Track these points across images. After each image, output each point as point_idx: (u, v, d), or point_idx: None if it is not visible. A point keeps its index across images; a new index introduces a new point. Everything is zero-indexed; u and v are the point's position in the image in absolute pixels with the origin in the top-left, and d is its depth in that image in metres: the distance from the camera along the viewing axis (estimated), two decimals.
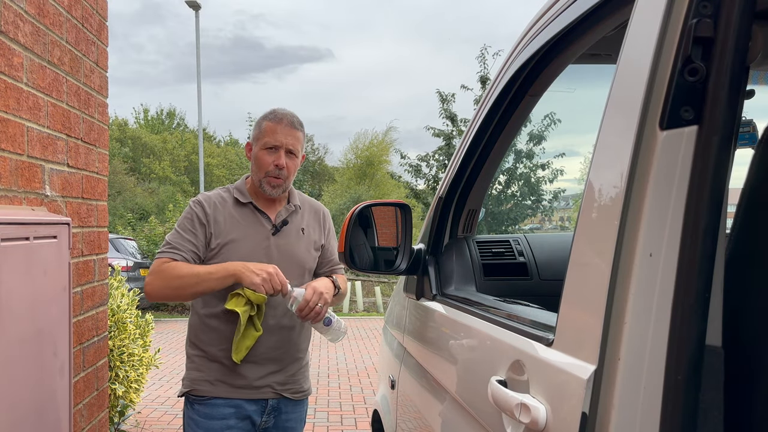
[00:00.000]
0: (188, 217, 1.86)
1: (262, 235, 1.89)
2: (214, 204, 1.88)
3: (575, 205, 21.80)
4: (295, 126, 1.88)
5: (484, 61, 14.65)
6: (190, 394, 1.88)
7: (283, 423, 1.95)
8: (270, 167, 1.85)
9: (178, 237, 1.83)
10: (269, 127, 1.86)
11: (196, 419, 1.86)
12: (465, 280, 1.56)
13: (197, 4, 14.25)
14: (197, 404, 1.86)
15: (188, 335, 1.93)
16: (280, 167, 1.85)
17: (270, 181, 1.87)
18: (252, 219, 1.90)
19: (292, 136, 1.87)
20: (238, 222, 1.88)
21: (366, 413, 5.04)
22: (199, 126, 14.95)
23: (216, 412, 1.84)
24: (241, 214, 1.90)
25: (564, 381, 0.76)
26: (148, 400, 5.37)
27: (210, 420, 1.84)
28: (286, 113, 1.89)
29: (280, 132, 1.85)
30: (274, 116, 1.88)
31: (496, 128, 1.45)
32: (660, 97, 0.67)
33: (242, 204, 1.91)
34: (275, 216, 1.93)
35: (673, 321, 0.63)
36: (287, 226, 1.92)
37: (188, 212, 1.88)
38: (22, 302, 1.65)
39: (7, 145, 1.75)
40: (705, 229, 0.61)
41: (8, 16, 1.76)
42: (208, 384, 1.85)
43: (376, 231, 1.63)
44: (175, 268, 1.76)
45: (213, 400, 1.85)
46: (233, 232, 1.86)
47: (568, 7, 1.03)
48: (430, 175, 15.39)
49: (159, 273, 1.77)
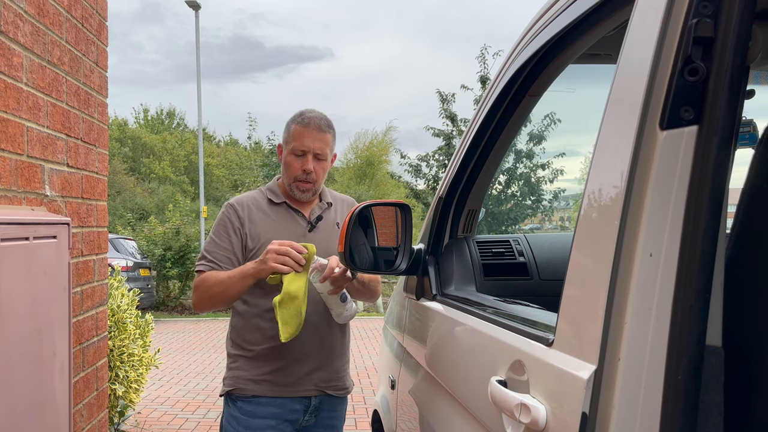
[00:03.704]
0: (221, 224, 1.89)
1: (297, 232, 1.90)
2: (247, 206, 1.91)
3: (575, 205, 21.80)
4: (322, 129, 1.87)
5: (484, 61, 14.65)
6: (233, 393, 1.89)
7: (324, 421, 1.96)
8: (298, 172, 1.86)
9: (213, 245, 1.87)
10: (297, 132, 1.86)
11: (237, 417, 1.87)
12: (465, 280, 1.56)
13: (197, 4, 14.23)
14: (240, 401, 1.87)
15: (230, 335, 1.95)
16: (308, 172, 1.86)
17: (299, 186, 1.88)
18: (287, 217, 1.92)
19: (320, 140, 1.86)
20: (273, 221, 1.90)
21: (366, 413, 5.04)
22: (199, 126, 14.95)
23: (259, 410, 1.85)
24: (276, 213, 1.92)
25: (564, 381, 0.76)
26: (148, 400, 5.36)
27: (252, 418, 1.85)
28: (314, 116, 1.88)
29: (308, 136, 1.85)
30: (301, 120, 1.88)
31: (496, 128, 1.45)
32: (660, 97, 0.67)
33: (276, 204, 1.93)
34: (309, 213, 1.94)
35: (673, 321, 0.63)
36: (322, 221, 1.94)
37: (221, 218, 1.90)
38: (22, 302, 1.65)
39: (6, 145, 1.75)
40: (705, 229, 0.61)
41: (8, 16, 1.76)
42: (252, 383, 1.85)
43: (376, 231, 1.63)
44: (206, 280, 1.81)
45: (257, 399, 1.86)
46: (269, 232, 1.88)
47: (568, 7, 1.03)
48: (430, 175, 15.39)
49: (196, 288, 1.85)
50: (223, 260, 1.85)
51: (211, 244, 1.88)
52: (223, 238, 1.87)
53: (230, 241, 1.86)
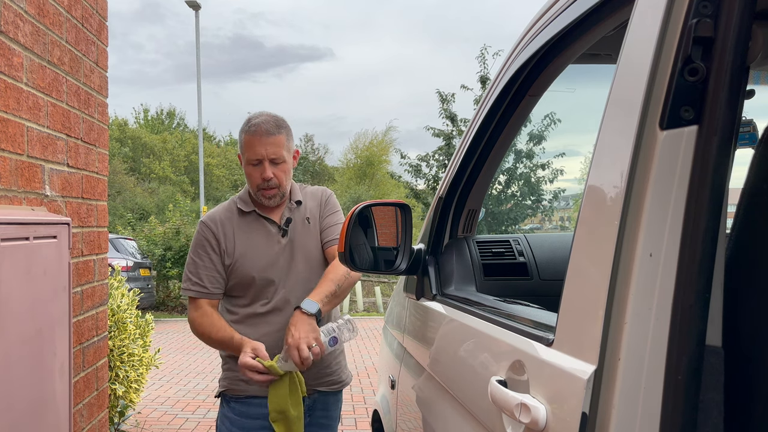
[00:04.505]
0: (199, 243, 1.90)
1: (271, 239, 1.91)
2: (220, 221, 1.91)
3: (575, 205, 21.80)
4: (271, 132, 1.82)
5: (484, 61, 14.66)
6: (227, 393, 1.91)
7: (318, 420, 1.97)
8: (259, 181, 1.85)
9: (194, 266, 1.89)
10: (247, 141, 1.84)
11: (230, 417, 1.89)
12: (465, 280, 1.56)
13: (197, 4, 14.23)
14: (233, 402, 1.89)
15: None
16: (267, 179, 1.84)
17: (264, 194, 1.88)
18: (258, 226, 1.92)
19: (271, 144, 1.82)
20: (246, 233, 1.91)
21: (366, 413, 5.04)
22: (199, 126, 14.95)
23: (252, 410, 1.87)
24: (247, 224, 1.92)
25: (564, 381, 0.76)
26: (148, 400, 5.36)
27: (245, 418, 1.87)
28: (260, 121, 1.84)
29: (258, 143, 1.82)
30: (248, 128, 1.85)
31: (496, 128, 1.45)
32: (660, 97, 0.67)
33: (246, 213, 1.93)
34: (279, 218, 1.94)
35: (673, 321, 0.63)
36: (292, 222, 1.94)
37: (198, 238, 1.92)
38: (22, 302, 1.65)
39: (7, 145, 1.75)
40: (705, 229, 0.61)
41: (8, 16, 1.76)
42: (245, 383, 1.86)
43: (376, 231, 1.63)
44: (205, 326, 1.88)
45: (250, 399, 1.87)
46: (243, 245, 1.89)
47: (568, 7, 1.03)
48: (430, 175, 15.40)
49: (192, 322, 1.91)
50: (208, 279, 1.87)
51: (193, 265, 1.89)
52: (203, 257, 1.88)
53: (210, 259, 1.88)
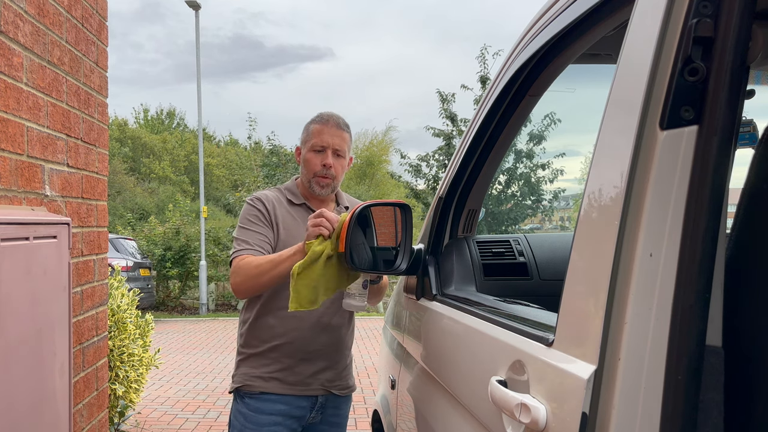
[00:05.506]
0: (252, 213, 1.90)
1: None
2: (271, 201, 1.94)
3: (575, 205, 21.79)
4: (341, 127, 1.94)
5: (484, 60, 14.64)
6: (241, 389, 1.92)
7: (330, 419, 1.99)
8: (318, 167, 1.91)
9: (247, 233, 1.87)
10: (316, 129, 1.93)
11: (245, 413, 1.89)
12: (465, 280, 1.56)
13: (197, 4, 14.22)
14: (248, 398, 1.90)
15: (241, 332, 1.97)
16: (328, 167, 1.91)
17: (319, 181, 1.93)
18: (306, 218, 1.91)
19: (338, 136, 1.93)
20: (292, 221, 1.93)
21: (366, 413, 5.04)
22: (199, 126, 14.94)
23: (267, 407, 1.88)
24: (296, 213, 1.95)
25: (564, 381, 0.76)
26: (148, 400, 5.36)
27: (259, 414, 1.88)
28: (332, 115, 1.96)
29: (327, 133, 1.92)
30: (320, 119, 1.95)
31: (496, 128, 1.45)
32: (660, 97, 0.67)
33: (296, 205, 1.96)
34: None
35: (673, 321, 0.63)
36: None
37: (249, 210, 1.91)
38: (22, 302, 1.65)
39: (6, 145, 1.75)
40: (705, 229, 0.61)
41: (8, 16, 1.76)
42: (261, 380, 1.88)
43: (375, 231, 1.63)
44: (251, 261, 1.79)
45: (265, 396, 1.89)
46: (286, 232, 1.90)
47: (568, 7, 1.03)
48: (430, 175, 15.38)
49: (239, 270, 1.79)
50: (261, 245, 1.84)
51: (245, 233, 1.86)
52: (256, 226, 1.88)
53: (264, 228, 1.88)
